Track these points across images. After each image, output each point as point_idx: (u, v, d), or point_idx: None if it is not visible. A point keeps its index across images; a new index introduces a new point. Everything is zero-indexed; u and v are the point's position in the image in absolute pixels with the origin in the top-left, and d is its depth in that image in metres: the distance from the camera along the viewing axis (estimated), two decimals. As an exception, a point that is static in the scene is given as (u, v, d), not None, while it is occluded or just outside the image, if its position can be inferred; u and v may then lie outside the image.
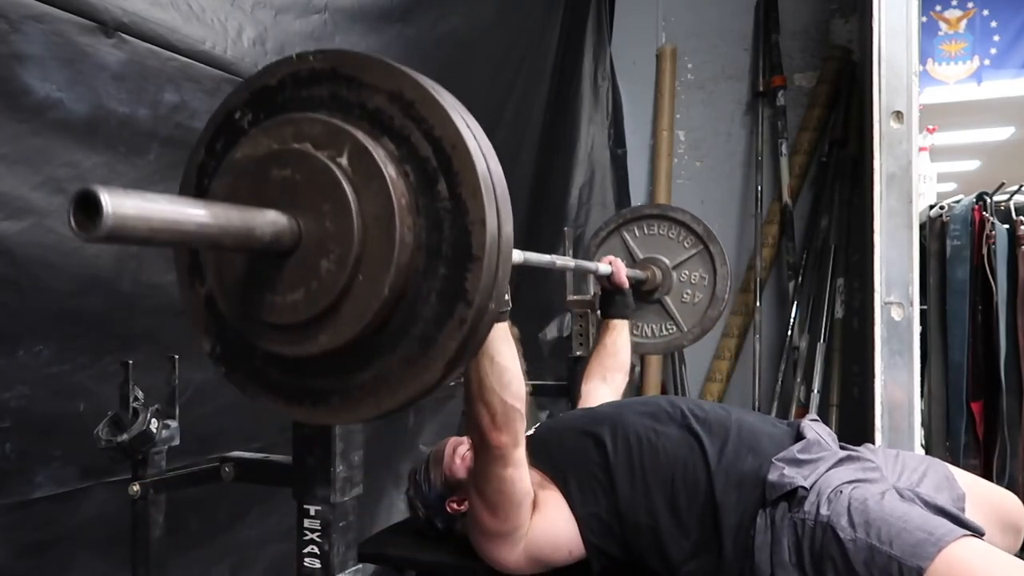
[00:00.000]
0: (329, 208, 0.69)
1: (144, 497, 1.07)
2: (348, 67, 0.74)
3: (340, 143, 0.71)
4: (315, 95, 0.75)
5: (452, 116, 0.70)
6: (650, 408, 1.50)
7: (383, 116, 0.72)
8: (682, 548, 1.33)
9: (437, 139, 0.70)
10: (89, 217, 0.52)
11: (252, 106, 0.79)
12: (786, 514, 1.27)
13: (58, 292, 1.24)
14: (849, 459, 1.38)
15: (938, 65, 4.41)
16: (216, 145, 0.81)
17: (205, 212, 0.62)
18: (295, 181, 0.71)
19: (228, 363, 0.82)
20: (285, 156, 0.72)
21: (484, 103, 2.55)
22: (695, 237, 2.28)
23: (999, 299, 2.41)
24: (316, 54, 0.76)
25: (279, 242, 0.69)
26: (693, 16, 3.56)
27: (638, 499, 1.36)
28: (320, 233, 0.70)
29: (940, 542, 1.14)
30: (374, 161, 0.70)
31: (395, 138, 0.72)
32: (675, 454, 1.38)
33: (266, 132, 0.75)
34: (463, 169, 0.70)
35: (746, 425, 1.43)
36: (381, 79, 0.72)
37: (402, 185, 0.71)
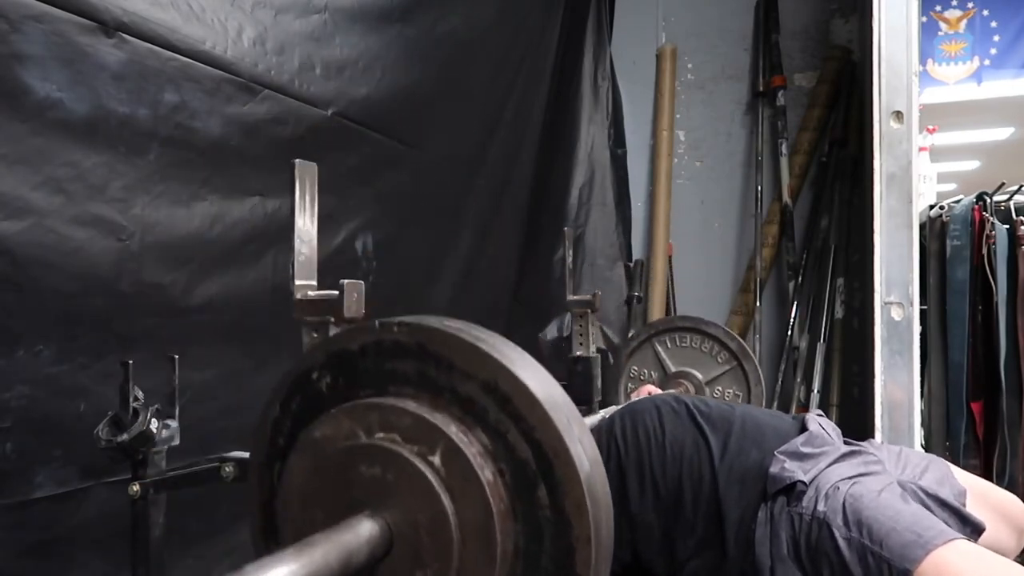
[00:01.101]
0: (424, 516, 0.65)
1: (144, 497, 1.07)
2: (436, 345, 0.69)
3: (432, 440, 0.66)
4: (400, 369, 0.70)
5: (553, 418, 0.65)
6: (656, 404, 1.50)
7: (476, 406, 0.67)
8: (687, 546, 1.34)
9: (537, 442, 0.65)
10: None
11: (331, 368, 0.74)
12: (784, 508, 1.28)
13: (58, 292, 1.24)
14: (852, 454, 1.38)
15: (938, 65, 4.41)
16: (291, 404, 0.76)
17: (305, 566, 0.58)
18: (385, 480, 0.67)
19: None
20: (373, 452, 0.68)
21: (484, 103, 2.56)
22: (728, 353, 2.26)
23: (999, 299, 2.41)
24: (401, 325, 0.70)
25: (373, 556, 0.65)
26: (693, 16, 3.56)
27: (647, 499, 1.36)
28: (414, 541, 0.66)
29: (928, 545, 1.13)
30: (469, 464, 0.65)
31: (490, 432, 0.67)
32: (681, 451, 1.39)
33: (349, 415, 0.70)
34: (566, 480, 0.65)
35: (751, 419, 1.43)
36: (473, 365, 0.67)
37: (499, 487, 0.66)
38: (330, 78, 1.78)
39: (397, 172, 2.08)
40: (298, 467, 0.72)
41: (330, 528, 0.64)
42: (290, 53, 1.66)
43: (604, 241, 3.27)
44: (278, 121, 1.63)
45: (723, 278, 3.46)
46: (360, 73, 1.88)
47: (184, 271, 1.46)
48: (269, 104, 1.60)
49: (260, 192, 1.60)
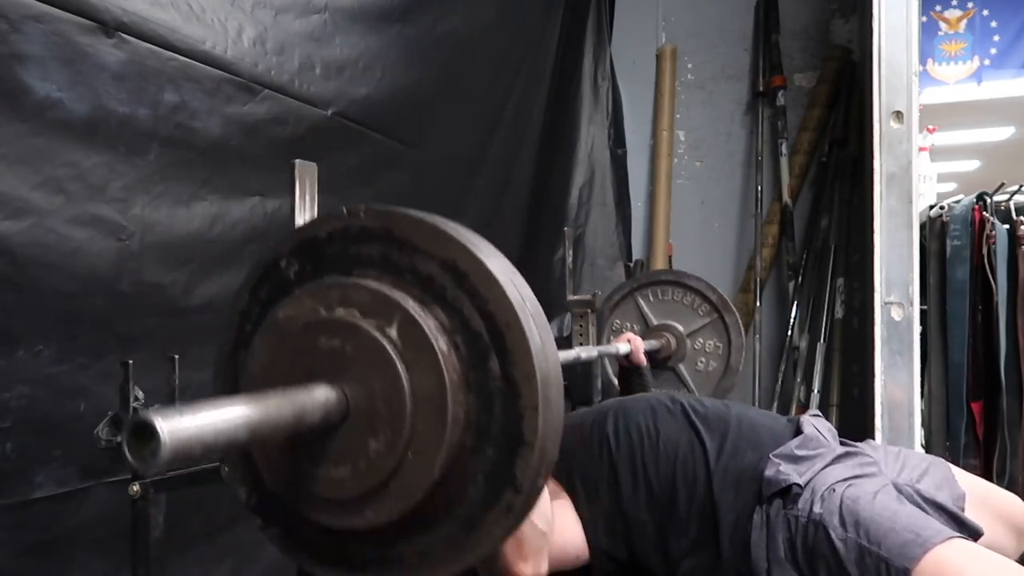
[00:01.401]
0: (379, 385, 0.68)
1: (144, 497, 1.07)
2: (401, 229, 0.71)
3: (390, 313, 0.69)
4: (365, 253, 0.73)
5: (507, 292, 0.68)
6: (651, 404, 1.49)
7: (435, 284, 0.70)
8: (681, 545, 1.33)
9: (490, 315, 0.68)
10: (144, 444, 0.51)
11: (299, 256, 0.76)
12: (780, 511, 1.27)
13: (58, 292, 1.24)
14: (847, 455, 1.38)
15: (938, 65, 4.41)
16: (260, 293, 0.79)
17: (256, 411, 0.60)
18: (343, 352, 0.69)
19: (265, 516, 0.80)
20: (333, 325, 0.70)
21: (484, 103, 2.55)
22: (709, 305, 2.28)
23: (999, 299, 2.41)
24: (368, 210, 0.73)
25: (327, 420, 0.67)
26: (693, 16, 3.56)
27: (640, 496, 1.36)
28: (369, 409, 0.68)
29: (927, 543, 1.13)
30: (424, 334, 0.67)
31: (447, 308, 0.69)
32: (675, 450, 1.38)
33: (312, 294, 0.72)
34: (517, 350, 0.67)
35: (746, 420, 1.43)
36: (434, 246, 0.70)
37: (453, 358, 0.68)
38: (330, 78, 1.78)
39: (397, 172, 2.08)
40: (261, 346, 0.74)
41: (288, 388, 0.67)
42: (290, 53, 1.66)
43: (604, 241, 3.27)
44: (278, 121, 1.63)
45: (723, 278, 3.46)
46: (360, 73, 1.88)
47: (184, 271, 1.46)
48: (269, 104, 1.60)
49: (260, 192, 1.60)
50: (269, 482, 0.75)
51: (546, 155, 3.07)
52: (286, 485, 0.73)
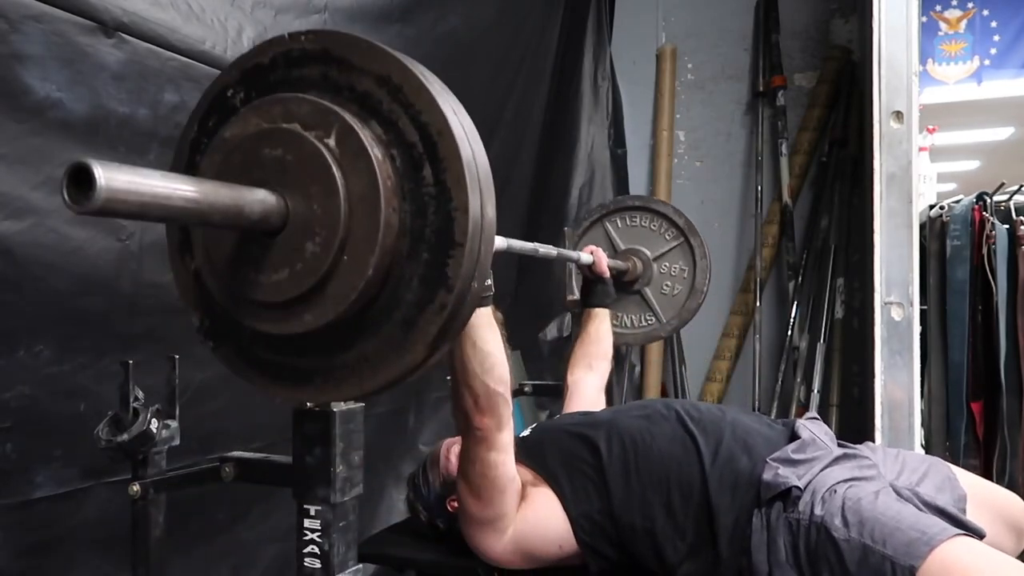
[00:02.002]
0: (317, 189, 0.71)
1: (144, 497, 1.07)
2: (339, 49, 0.74)
3: (328, 124, 0.72)
4: (306, 75, 0.76)
5: (439, 102, 0.71)
6: (646, 411, 1.49)
7: (371, 99, 0.73)
8: (677, 549, 1.33)
9: (424, 125, 0.71)
10: (82, 190, 0.53)
11: (244, 84, 0.80)
12: (781, 514, 1.27)
13: (58, 292, 1.24)
14: (845, 457, 1.38)
15: (938, 65, 4.41)
16: (208, 122, 0.82)
17: (196, 188, 0.63)
18: (284, 161, 0.72)
19: (216, 338, 0.84)
20: (275, 135, 0.73)
21: (484, 103, 2.55)
22: (676, 229, 2.29)
23: (999, 299, 2.41)
24: (308, 34, 0.76)
25: (267, 221, 0.70)
26: (693, 16, 3.56)
27: (633, 500, 1.36)
28: (307, 214, 0.71)
29: (932, 541, 1.13)
30: (360, 142, 0.71)
31: (383, 122, 0.73)
32: (669, 455, 1.38)
33: (256, 111, 0.76)
34: (448, 156, 0.71)
35: (741, 425, 1.43)
36: (370, 62, 0.73)
37: (388, 167, 0.72)
38: (330, 78, 1.78)
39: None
40: (209, 165, 0.77)
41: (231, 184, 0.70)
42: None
43: (604, 241, 3.27)
44: (278, 121, 1.63)
45: (723, 278, 3.45)
46: (360, 73, 1.88)
47: (184, 271, 1.46)
48: (269, 104, 1.60)
49: (260, 192, 1.60)
50: (217, 297, 0.78)
51: (546, 155, 3.07)
52: (231, 295, 0.76)
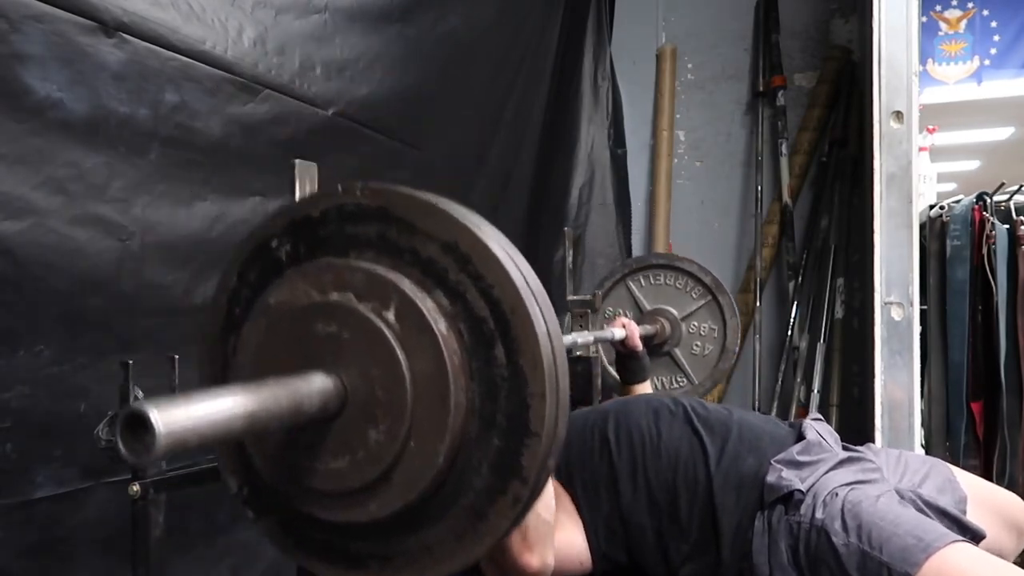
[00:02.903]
0: (378, 371, 0.65)
1: (144, 497, 1.07)
2: (399, 208, 0.68)
3: (386, 295, 0.66)
4: (362, 233, 0.69)
5: (512, 277, 0.65)
6: (653, 405, 1.49)
7: (436, 267, 0.67)
8: (681, 550, 1.33)
9: (496, 300, 0.65)
10: (139, 438, 0.49)
11: (291, 236, 0.73)
12: (782, 516, 1.27)
13: (58, 292, 1.24)
14: (849, 460, 1.38)
15: (938, 65, 4.42)
16: (249, 274, 0.75)
17: (252, 400, 0.58)
18: (340, 338, 0.66)
19: (258, 509, 0.77)
20: (328, 310, 0.67)
21: (484, 103, 2.55)
22: (703, 288, 2.26)
23: (999, 299, 2.41)
24: (364, 188, 0.69)
25: (326, 409, 0.65)
26: (693, 16, 3.55)
27: (640, 500, 1.36)
28: (368, 397, 0.65)
29: (929, 548, 1.13)
30: (423, 318, 0.65)
31: (449, 292, 0.67)
32: (676, 454, 1.38)
33: (304, 277, 0.69)
34: (523, 337, 0.65)
35: (747, 425, 1.43)
36: (435, 226, 0.67)
37: (454, 343, 0.66)
38: (330, 78, 1.78)
39: (397, 172, 2.08)
40: (252, 332, 0.71)
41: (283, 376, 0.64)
42: (290, 53, 1.66)
43: (604, 241, 3.27)
44: (278, 121, 1.63)
45: (723, 278, 3.42)
46: (360, 73, 1.88)
47: (185, 271, 1.46)
48: (270, 104, 1.60)
49: (261, 192, 1.60)
50: (264, 474, 0.73)
51: (546, 155, 3.07)
52: (282, 478, 0.70)
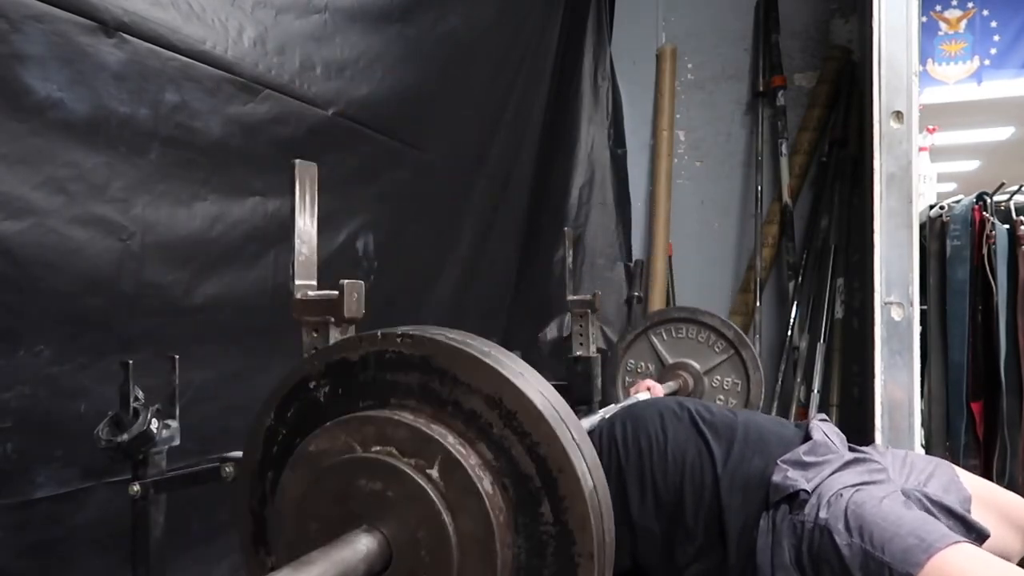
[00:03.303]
0: (424, 533, 0.65)
1: (144, 497, 1.07)
2: (442, 360, 0.68)
3: (430, 453, 0.66)
4: (402, 382, 0.69)
5: (558, 435, 0.65)
6: (659, 408, 1.49)
7: (480, 421, 0.67)
8: (687, 552, 1.33)
9: (542, 458, 0.65)
10: None
11: (330, 378, 0.73)
12: (786, 516, 1.27)
13: (59, 292, 1.24)
14: (856, 461, 1.38)
15: (938, 65, 4.41)
16: (287, 412, 0.75)
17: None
18: (384, 496, 0.66)
19: None
20: (369, 466, 0.67)
21: (484, 103, 2.55)
22: (726, 342, 2.24)
23: (999, 299, 2.41)
24: (405, 337, 0.69)
25: (370, 572, 0.64)
26: (693, 16, 3.55)
27: (648, 506, 1.36)
28: (413, 557, 0.65)
29: (930, 549, 1.13)
30: (468, 477, 0.65)
31: (493, 447, 0.66)
32: (683, 458, 1.38)
33: (345, 428, 0.69)
34: (570, 496, 0.65)
35: (753, 426, 1.43)
36: (479, 380, 0.67)
37: (499, 499, 0.66)
38: (330, 78, 1.78)
39: (398, 172, 2.08)
40: (293, 481, 0.71)
41: (327, 544, 0.64)
42: (290, 53, 1.66)
43: (604, 241, 3.27)
44: (278, 121, 1.63)
45: (723, 278, 3.46)
46: (360, 73, 1.88)
47: (185, 271, 1.46)
48: (270, 104, 1.60)
49: (260, 192, 1.60)
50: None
51: (546, 155, 3.07)
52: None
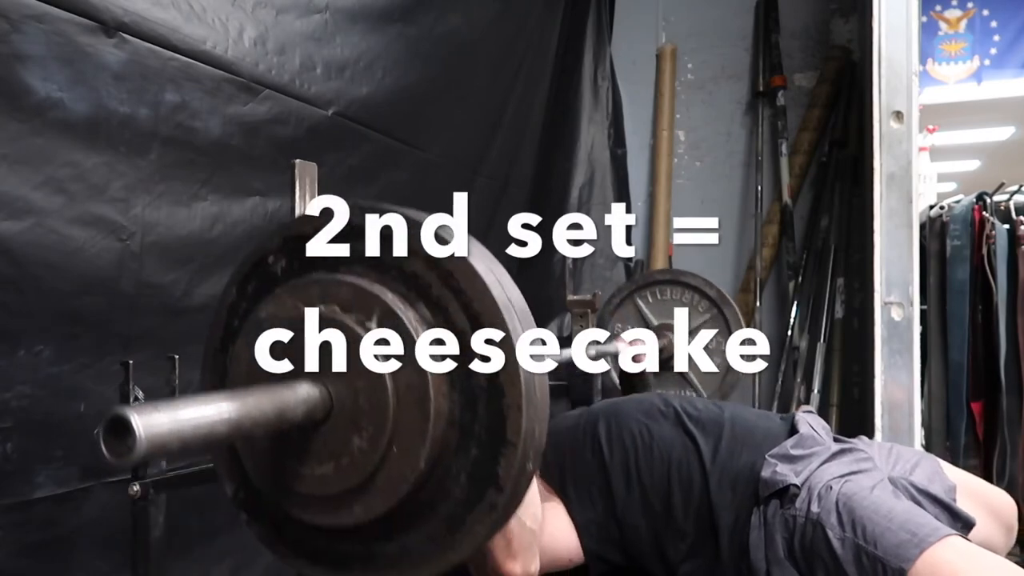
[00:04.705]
0: (362, 382, 0.67)
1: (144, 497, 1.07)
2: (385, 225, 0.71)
3: (369, 307, 0.69)
4: (352, 250, 0.72)
5: (492, 292, 0.68)
6: (644, 406, 1.49)
7: (420, 282, 0.70)
8: (679, 549, 1.33)
9: (476, 314, 0.68)
10: (121, 441, 0.51)
11: (287, 253, 0.76)
12: (778, 511, 1.27)
13: (59, 292, 1.24)
14: (842, 452, 1.38)
15: (938, 65, 4.41)
16: (247, 287, 0.79)
17: (236, 407, 0.60)
18: (326, 348, 0.69)
19: (251, 512, 0.80)
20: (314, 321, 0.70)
21: (484, 103, 2.55)
22: (708, 301, 2.26)
23: (999, 299, 2.41)
24: (355, 206, 0.73)
25: (311, 417, 0.67)
26: (693, 16, 3.56)
27: (634, 501, 1.36)
28: (352, 405, 0.68)
29: (922, 543, 1.14)
30: (406, 327, 0.68)
31: (431, 306, 0.69)
32: (669, 455, 1.38)
33: (292, 291, 0.73)
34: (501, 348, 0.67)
35: (740, 421, 1.43)
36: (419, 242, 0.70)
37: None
38: (331, 78, 1.78)
39: (398, 172, 2.08)
40: (244, 347, 0.74)
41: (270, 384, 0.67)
42: (291, 53, 1.66)
43: (604, 241, 3.26)
44: (279, 121, 1.63)
45: (723, 278, 3.45)
46: (361, 73, 1.88)
47: (185, 271, 1.46)
48: (270, 104, 1.60)
49: (261, 192, 1.60)
50: (254, 479, 0.76)
51: (546, 155, 3.07)
52: (270, 482, 0.74)
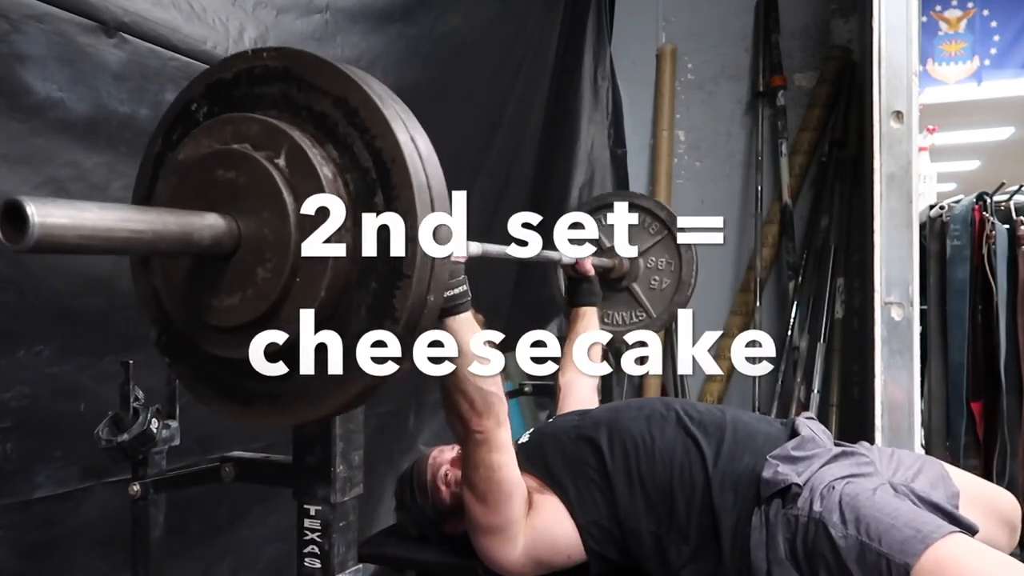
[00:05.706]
0: (268, 212, 0.70)
1: (144, 497, 1.07)
2: (299, 68, 0.74)
3: (277, 143, 0.71)
4: (267, 93, 0.75)
5: (394, 128, 0.71)
6: (645, 411, 1.49)
7: (328, 121, 0.72)
8: (681, 553, 1.33)
9: (378, 150, 0.70)
10: (17, 228, 0.52)
11: (208, 99, 0.79)
12: (779, 511, 1.27)
13: (59, 292, 1.24)
14: (843, 455, 1.38)
15: (938, 65, 4.41)
16: (172, 136, 0.81)
17: (140, 218, 0.63)
18: (237, 183, 0.71)
19: (172, 354, 0.83)
20: (226, 157, 0.72)
21: (484, 103, 2.56)
22: (660, 223, 2.26)
23: (999, 299, 2.41)
24: (271, 51, 0.76)
25: (219, 246, 0.69)
26: (693, 16, 3.56)
27: (637, 505, 1.36)
28: (259, 238, 0.70)
29: (927, 539, 1.14)
30: (310, 162, 0.70)
31: (338, 145, 0.72)
32: (671, 458, 1.38)
33: (208, 132, 0.75)
34: (400, 184, 0.70)
35: (741, 425, 1.43)
36: (329, 83, 0.72)
37: (341, 189, 0.71)
38: (330, 78, 1.78)
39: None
40: (164, 188, 0.76)
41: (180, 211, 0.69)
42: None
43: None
44: (278, 121, 1.63)
45: (723, 278, 3.46)
46: (360, 73, 1.88)
47: (184, 271, 1.46)
48: (269, 104, 1.60)
49: (260, 192, 1.60)
50: (172, 317, 0.78)
51: (546, 155, 3.07)
52: (185, 316, 0.76)
